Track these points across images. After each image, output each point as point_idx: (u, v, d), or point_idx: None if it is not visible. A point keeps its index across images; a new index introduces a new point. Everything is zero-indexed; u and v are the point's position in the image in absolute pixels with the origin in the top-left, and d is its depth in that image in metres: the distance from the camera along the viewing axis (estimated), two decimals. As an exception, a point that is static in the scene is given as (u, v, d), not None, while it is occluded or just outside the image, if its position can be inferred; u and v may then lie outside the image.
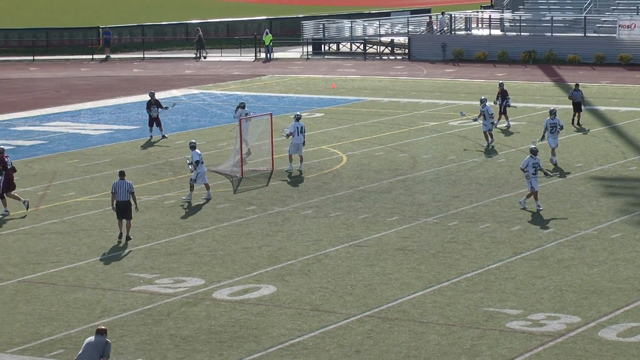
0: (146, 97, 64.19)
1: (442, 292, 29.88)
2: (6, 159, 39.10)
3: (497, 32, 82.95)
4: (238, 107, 48.93)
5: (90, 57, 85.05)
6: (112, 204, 35.04)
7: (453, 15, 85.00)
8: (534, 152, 38.16)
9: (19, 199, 39.03)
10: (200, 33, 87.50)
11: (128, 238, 34.73)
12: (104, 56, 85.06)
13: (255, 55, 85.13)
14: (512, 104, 53.10)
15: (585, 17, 79.28)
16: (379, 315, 28.18)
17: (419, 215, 37.61)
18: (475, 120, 49.43)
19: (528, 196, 38.07)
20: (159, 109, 51.58)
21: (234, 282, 30.90)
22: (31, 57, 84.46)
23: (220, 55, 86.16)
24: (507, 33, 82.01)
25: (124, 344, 26.31)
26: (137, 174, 44.19)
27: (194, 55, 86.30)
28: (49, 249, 34.42)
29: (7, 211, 38.69)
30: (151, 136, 51.59)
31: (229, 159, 45.39)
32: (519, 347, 25.94)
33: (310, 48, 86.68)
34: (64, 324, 27.78)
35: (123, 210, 34.74)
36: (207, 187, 40.23)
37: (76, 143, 51.32)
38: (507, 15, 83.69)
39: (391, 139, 50.98)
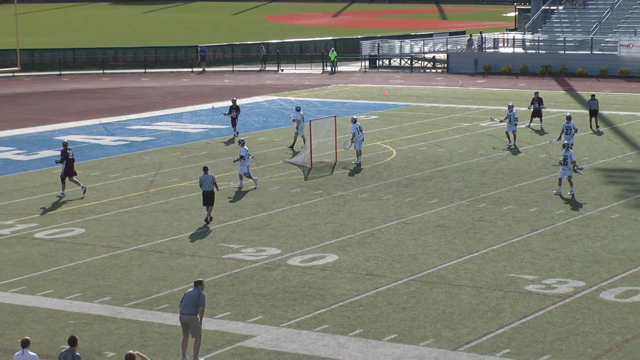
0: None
1: (472, 261, 29.91)
2: (68, 151, 39.29)
3: (519, 50, 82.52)
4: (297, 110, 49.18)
5: (190, 70, 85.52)
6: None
7: (484, 37, 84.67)
8: (564, 146, 38.20)
9: (79, 184, 39.24)
10: (263, 50, 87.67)
11: (210, 218, 34.76)
12: (201, 69, 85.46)
13: (323, 69, 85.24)
14: (543, 109, 52.68)
15: (592, 38, 78.67)
16: (421, 279, 28.26)
17: (454, 199, 37.61)
18: (501, 122, 49.31)
19: (560, 182, 37.99)
20: (237, 113, 51.72)
21: (304, 252, 31.07)
22: (143, 70, 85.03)
23: (294, 68, 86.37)
24: (527, 51, 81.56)
25: (216, 300, 26.55)
26: (227, 164, 44.46)
27: (258, 69, 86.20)
28: (156, 224, 34.76)
29: (63, 194, 38.84)
30: (237, 133, 51.82)
31: (300, 153, 45.57)
32: (535, 305, 25.94)
33: (367, 63, 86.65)
34: (169, 284, 28.09)
35: (208, 198, 34.72)
36: (241, 178, 39.82)
37: (178, 139, 51.70)
38: (528, 36, 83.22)
39: (432, 137, 50.94)
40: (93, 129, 55.54)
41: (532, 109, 52.53)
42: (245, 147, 39.78)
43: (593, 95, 52.94)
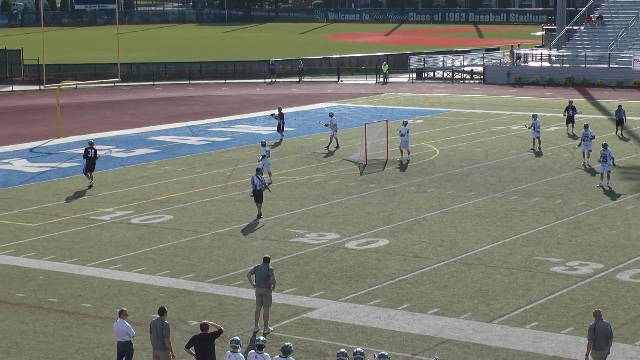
0: (299, 109, 64.64)
1: (505, 245, 29.57)
2: (89, 150, 39.20)
3: (546, 63, 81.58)
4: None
5: (262, 80, 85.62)
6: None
7: (515, 52, 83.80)
8: (603, 145, 37.57)
9: (90, 179, 39.20)
10: (301, 65, 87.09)
11: (260, 215, 33.71)
12: (270, 80, 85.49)
13: (376, 80, 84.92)
14: (577, 114, 51.41)
15: (609, 53, 77.63)
16: (460, 261, 27.98)
17: (489, 192, 37.22)
18: (527, 127, 48.32)
19: (601, 177, 37.49)
20: (283, 120, 50.53)
21: (359, 237, 30.89)
22: (223, 81, 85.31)
23: (352, 79, 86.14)
24: (553, 64, 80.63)
25: (284, 278, 26.46)
26: (294, 161, 44.39)
27: (297, 80, 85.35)
28: (234, 211, 34.75)
29: (92, 183, 39.14)
30: (282, 136, 50.86)
31: (356, 151, 45.34)
32: (559, 284, 25.58)
33: (414, 75, 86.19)
34: (243, 263, 28.04)
35: (257, 196, 33.74)
36: (269, 174, 39.02)
37: (252, 139, 51.61)
38: (554, 52, 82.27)
39: (470, 138, 50.49)
40: (180, 131, 55.76)
41: (566, 116, 51.48)
42: (265, 147, 39.25)
43: (620, 106, 51.77)
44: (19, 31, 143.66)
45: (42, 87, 73.84)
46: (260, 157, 39.28)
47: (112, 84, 79.78)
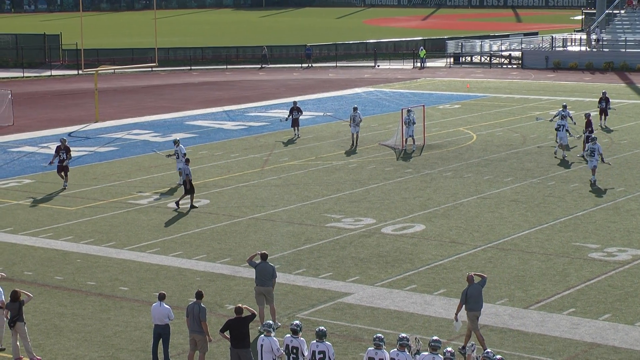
0: (336, 94, 64.55)
1: (542, 231, 29.40)
2: (61, 152, 36.87)
3: (585, 48, 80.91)
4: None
5: (299, 65, 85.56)
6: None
7: (554, 37, 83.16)
8: (592, 140, 36.90)
9: (64, 178, 37.10)
10: (265, 51, 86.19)
11: (193, 206, 32.95)
12: (307, 65, 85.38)
13: (413, 64, 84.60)
14: (611, 107, 49.97)
15: (650, 37, 77.01)
16: (497, 247, 27.87)
17: (526, 177, 37.00)
18: (551, 120, 46.72)
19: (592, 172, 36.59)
20: (300, 114, 47.50)
21: (395, 222, 30.85)
22: (259, 66, 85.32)
23: (389, 64, 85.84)
24: (592, 49, 79.92)
25: (320, 263, 26.49)
26: (330, 146, 44.36)
27: (258, 67, 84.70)
28: (270, 196, 34.82)
29: (65, 185, 36.90)
30: (296, 135, 47.25)
31: (393, 136, 45.22)
32: (597, 270, 25.41)
33: (452, 59, 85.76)
34: (280, 248, 28.09)
35: (190, 186, 32.91)
36: (181, 174, 35.33)
37: (289, 124, 51.48)
38: (593, 36, 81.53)
39: (508, 123, 50.19)
40: (217, 115, 55.91)
41: (599, 108, 50.27)
42: (181, 145, 36.90)
43: None
44: (57, 16, 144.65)
45: (80, 71, 74.39)
46: (169, 156, 37.34)
47: (150, 69, 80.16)
